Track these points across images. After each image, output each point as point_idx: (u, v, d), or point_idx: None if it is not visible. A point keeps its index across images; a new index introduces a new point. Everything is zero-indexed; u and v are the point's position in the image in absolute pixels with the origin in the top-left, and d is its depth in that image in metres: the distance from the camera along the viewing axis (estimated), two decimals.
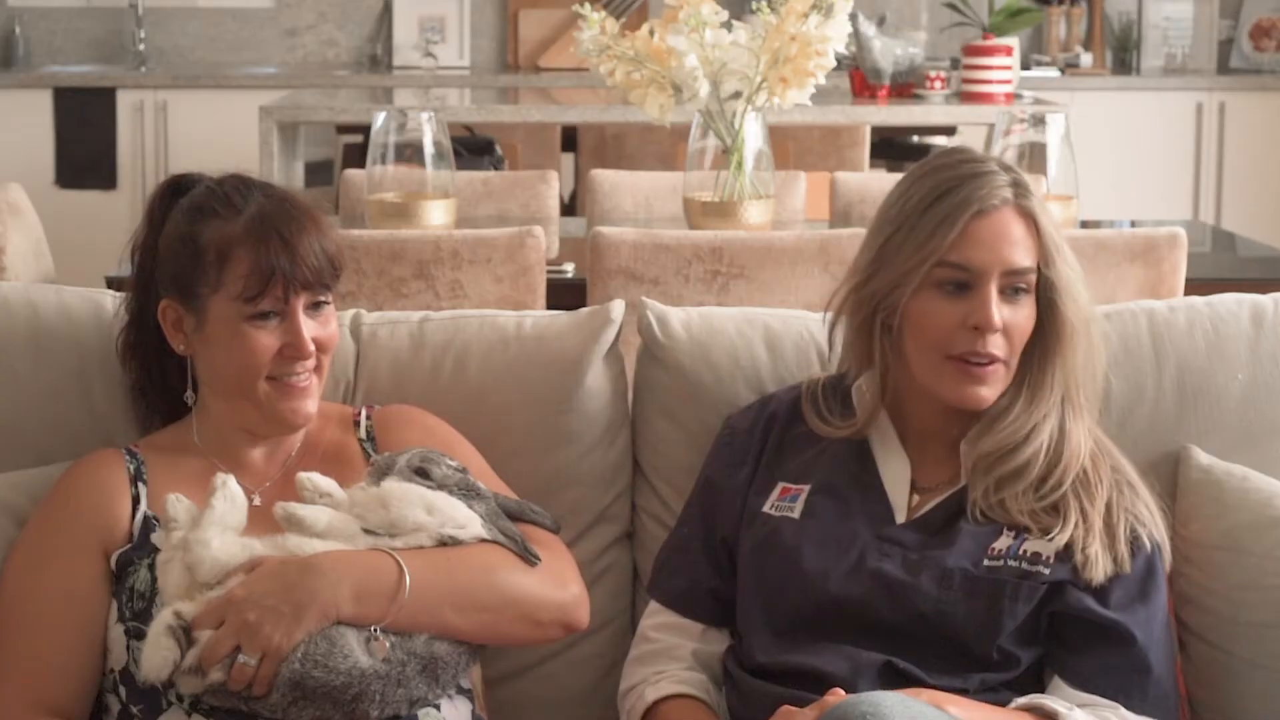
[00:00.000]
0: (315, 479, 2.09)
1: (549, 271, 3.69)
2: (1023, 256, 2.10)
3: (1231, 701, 2.20)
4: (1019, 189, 2.12)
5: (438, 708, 2.05)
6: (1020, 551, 2.07)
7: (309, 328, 2.12)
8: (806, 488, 2.18)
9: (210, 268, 2.10)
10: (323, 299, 2.15)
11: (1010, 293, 2.10)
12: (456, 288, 3.55)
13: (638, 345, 2.46)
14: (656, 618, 2.25)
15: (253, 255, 2.09)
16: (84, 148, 6.98)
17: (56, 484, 2.16)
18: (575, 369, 2.39)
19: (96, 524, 2.10)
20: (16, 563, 2.10)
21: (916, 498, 2.16)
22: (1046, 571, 2.06)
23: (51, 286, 2.43)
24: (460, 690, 2.11)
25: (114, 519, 2.11)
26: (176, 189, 2.20)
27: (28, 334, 2.33)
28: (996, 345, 2.10)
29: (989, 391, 2.11)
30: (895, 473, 2.17)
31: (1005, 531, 2.09)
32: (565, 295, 3.71)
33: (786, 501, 2.18)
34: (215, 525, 2.03)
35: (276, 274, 2.09)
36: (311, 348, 2.12)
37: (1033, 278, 2.11)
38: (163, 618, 1.98)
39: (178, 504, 2.06)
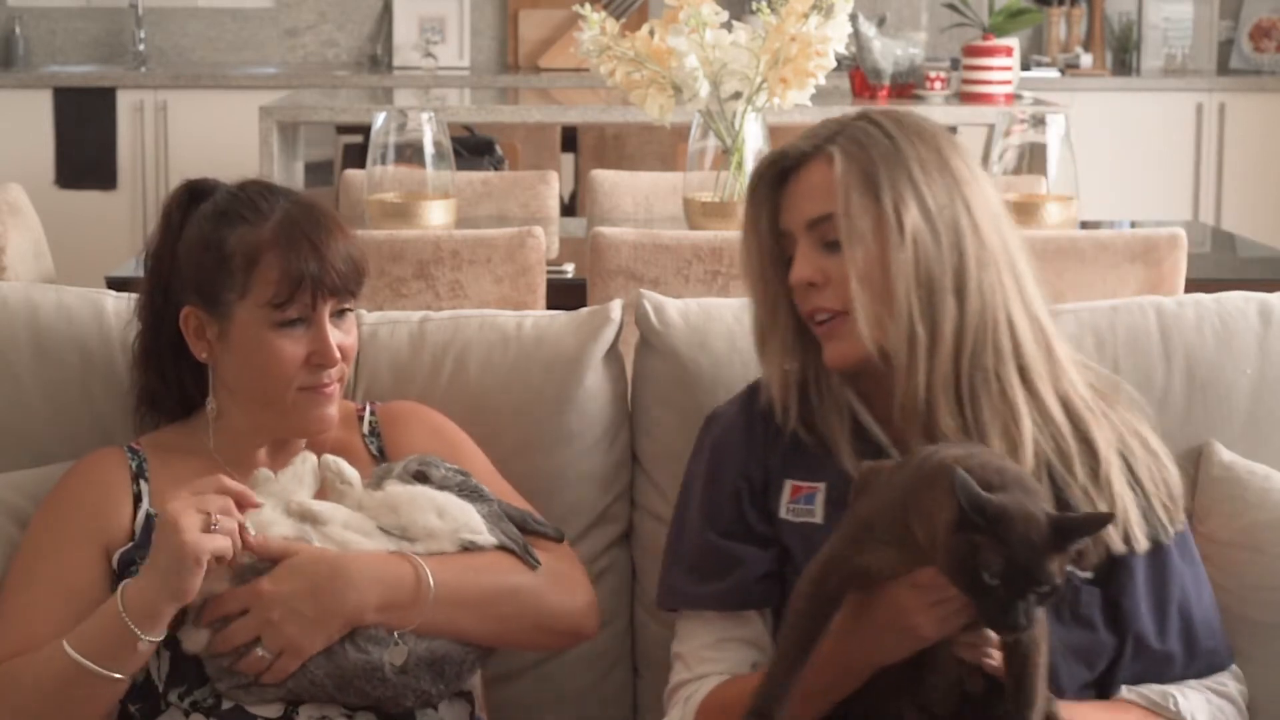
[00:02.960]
0: (341, 464, 2.08)
1: (549, 271, 3.69)
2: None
3: None
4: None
5: (436, 708, 2.05)
6: None
7: (333, 335, 2.10)
8: (821, 486, 2.07)
9: (237, 273, 2.08)
10: (346, 306, 2.13)
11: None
12: (456, 288, 3.55)
13: (637, 343, 2.45)
14: (702, 636, 2.08)
15: (282, 261, 2.07)
16: (84, 148, 6.98)
17: (57, 484, 2.15)
18: (575, 369, 2.39)
19: (97, 523, 2.09)
20: (18, 562, 2.10)
21: None
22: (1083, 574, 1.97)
23: (51, 286, 2.43)
24: (459, 692, 2.11)
25: (114, 517, 2.10)
26: (194, 194, 2.17)
27: (28, 334, 2.33)
28: None
29: None
30: None
31: None
32: (565, 295, 3.71)
33: (801, 503, 2.10)
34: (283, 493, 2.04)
35: (305, 280, 2.07)
36: (338, 355, 2.10)
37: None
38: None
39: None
